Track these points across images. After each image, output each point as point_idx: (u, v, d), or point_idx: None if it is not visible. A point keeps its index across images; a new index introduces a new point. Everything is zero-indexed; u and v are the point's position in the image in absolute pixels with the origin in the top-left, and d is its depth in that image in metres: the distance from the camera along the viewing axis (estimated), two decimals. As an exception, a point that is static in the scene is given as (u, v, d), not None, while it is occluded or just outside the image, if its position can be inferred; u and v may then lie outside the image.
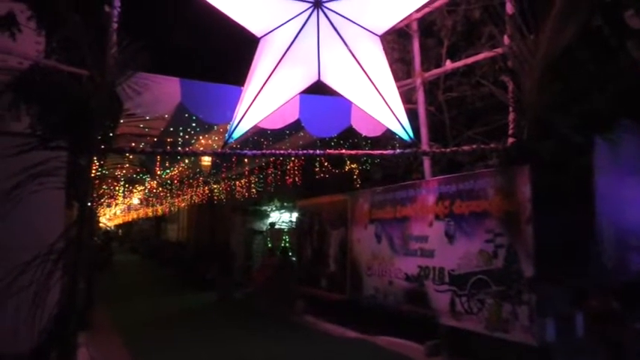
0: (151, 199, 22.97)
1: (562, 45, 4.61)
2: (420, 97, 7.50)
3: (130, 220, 43.90)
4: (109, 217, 39.55)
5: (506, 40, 5.55)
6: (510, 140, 5.67)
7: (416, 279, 7.14)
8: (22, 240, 5.26)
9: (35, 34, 7.16)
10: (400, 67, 8.13)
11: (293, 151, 6.23)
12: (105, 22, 5.38)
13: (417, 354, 7.04)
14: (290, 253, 13.43)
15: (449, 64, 7.36)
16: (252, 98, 5.08)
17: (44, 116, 5.35)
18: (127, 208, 33.70)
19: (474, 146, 5.75)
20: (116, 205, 26.32)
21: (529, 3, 5.26)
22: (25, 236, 5.37)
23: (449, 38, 7.89)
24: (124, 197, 19.84)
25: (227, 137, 5.22)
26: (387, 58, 5.41)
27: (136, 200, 25.10)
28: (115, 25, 5.29)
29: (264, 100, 5.12)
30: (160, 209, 27.83)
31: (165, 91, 6.09)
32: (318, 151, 6.14)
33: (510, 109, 5.73)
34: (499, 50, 5.82)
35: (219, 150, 8.79)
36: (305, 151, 6.03)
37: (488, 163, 7.26)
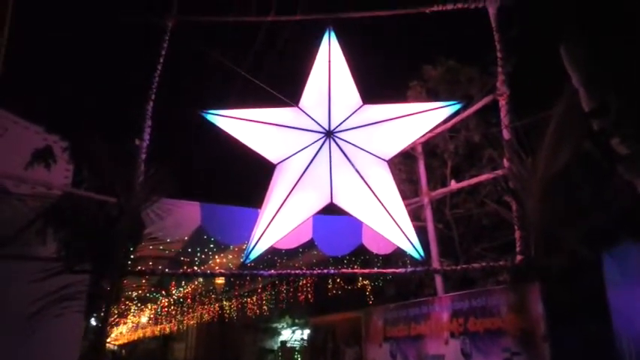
0: (160, 317, 22.59)
1: (557, 168, 4.94)
2: (428, 214, 7.76)
3: (136, 338, 42.54)
4: (116, 336, 38.43)
5: (505, 162, 5.91)
6: (519, 257, 5.81)
7: (435, 401, 6.89)
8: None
9: (64, 162, 7.66)
10: (408, 186, 8.52)
11: (308, 271, 6.38)
12: (134, 153, 5.85)
13: None
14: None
15: (453, 184, 7.71)
16: (269, 221, 5.34)
17: (71, 241, 5.63)
18: (134, 326, 32.90)
19: (484, 264, 5.88)
20: (124, 323, 25.80)
21: (524, 129, 5.71)
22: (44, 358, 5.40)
23: (452, 160, 8.36)
24: (134, 316, 19.57)
25: (244, 258, 5.41)
26: (395, 179, 5.75)
27: (144, 319, 24.64)
28: (144, 157, 5.74)
29: (280, 223, 5.38)
30: (167, 327, 27.17)
31: (186, 215, 6.42)
32: (332, 270, 6.28)
33: (516, 227, 5.93)
34: (499, 172, 6.17)
35: (235, 269, 9.02)
36: (320, 271, 6.16)
37: (499, 279, 7.33)
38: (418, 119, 5.60)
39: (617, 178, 4.60)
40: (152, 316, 22.27)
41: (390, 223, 5.42)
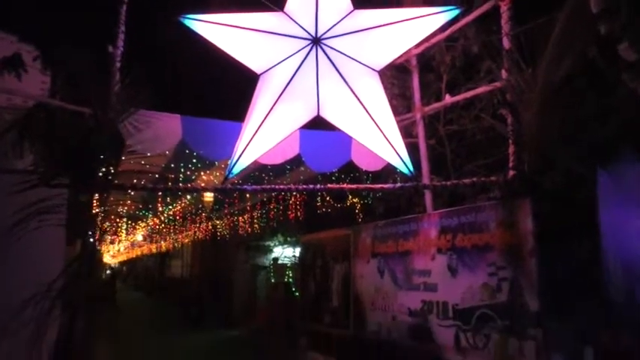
0: (154, 235, 22.93)
1: (558, 78, 4.66)
2: (420, 131, 7.53)
3: (134, 256, 43.75)
4: (113, 253, 39.44)
5: (504, 74, 5.60)
6: (511, 173, 5.66)
7: (419, 314, 7.02)
8: (22, 277, 5.22)
9: (40, 73, 7.28)
10: (400, 101, 8.22)
11: (293, 186, 6.20)
12: (108, 61, 5.50)
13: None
14: (293, 289, 13.29)
15: (448, 99, 7.41)
16: (252, 134, 5.09)
17: (47, 153, 5.41)
18: (130, 244, 33.63)
19: (475, 179, 5.74)
20: (119, 241, 26.28)
21: (525, 38, 5.35)
22: (25, 273, 5.34)
23: (448, 73, 8.00)
24: (127, 234, 19.84)
25: (227, 172, 5.21)
26: (387, 93, 5.44)
27: (139, 237, 25.06)
28: (118, 65, 5.39)
29: (264, 136, 5.13)
30: (163, 246, 27.73)
31: (166, 128, 6.15)
32: (318, 186, 6.09)
33: (510, 141, 5.74)
34: (497, 84, 5.87)
35: (221, 185, 8.89)
36: (305, 186, 6.00)
37: (491, 195, 7.24)
38: (413, 26, 5.19)
39: (621, 88, 4.35)
40: (146, 234, 22.63)
41: (379, 137, 5.18)
